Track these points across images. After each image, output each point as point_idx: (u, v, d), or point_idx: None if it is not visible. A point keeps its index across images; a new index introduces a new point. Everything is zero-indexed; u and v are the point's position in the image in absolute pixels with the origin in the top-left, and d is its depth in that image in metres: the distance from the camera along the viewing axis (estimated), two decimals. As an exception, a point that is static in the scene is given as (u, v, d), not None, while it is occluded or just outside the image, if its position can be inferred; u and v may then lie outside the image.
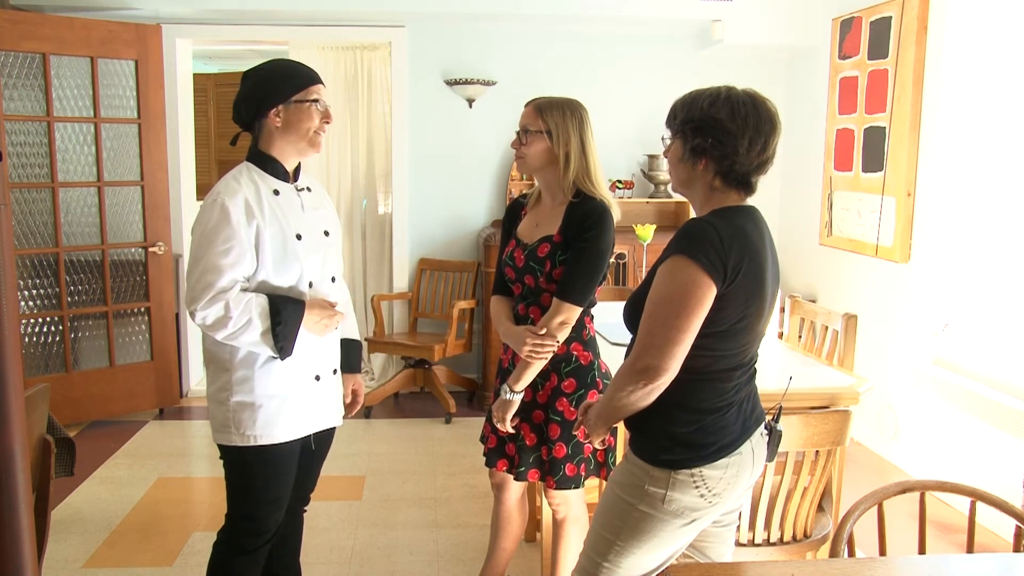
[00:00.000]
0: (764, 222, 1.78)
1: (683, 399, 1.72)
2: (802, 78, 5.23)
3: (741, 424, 1.76)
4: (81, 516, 3.51)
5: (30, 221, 4.41)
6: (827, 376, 2.74)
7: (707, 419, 1.72)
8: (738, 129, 1.65)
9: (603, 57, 5.30)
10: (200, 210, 2.08)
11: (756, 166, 1.70)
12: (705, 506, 1.73)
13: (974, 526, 1.81)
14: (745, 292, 1.66)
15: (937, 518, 3.47)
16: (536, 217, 2.40)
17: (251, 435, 2.11)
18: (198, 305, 2.00)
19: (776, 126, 1.70)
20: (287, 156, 2.16)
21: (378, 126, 5.44)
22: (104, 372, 4.69)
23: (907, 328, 4.11)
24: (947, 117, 3.88)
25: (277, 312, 2.04)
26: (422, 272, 5.34)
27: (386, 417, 4.89)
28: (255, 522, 2.19)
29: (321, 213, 2.27)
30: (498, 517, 2.63)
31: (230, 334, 2.02)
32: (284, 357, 2.08)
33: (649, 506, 1.73)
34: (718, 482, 1.72)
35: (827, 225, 4.81)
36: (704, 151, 1.68)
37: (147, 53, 4.68)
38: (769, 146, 1.69)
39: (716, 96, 1.69)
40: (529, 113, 2.33)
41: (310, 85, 2.12)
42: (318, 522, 3.40)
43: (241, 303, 2.01)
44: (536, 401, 2.37)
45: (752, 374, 1.81)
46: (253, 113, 2.12)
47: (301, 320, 2.09)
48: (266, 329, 2.03)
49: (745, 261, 1.64)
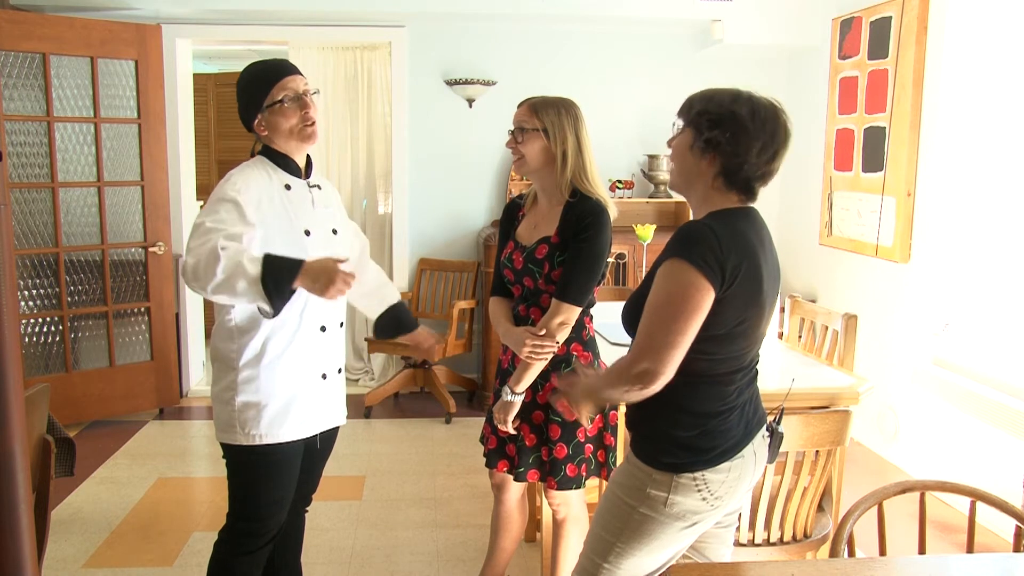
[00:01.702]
0: (764, 224, 1.77)
1: (685, 402, 1.72)
2: (802, 78, 5.23)
3: (744, 427, 1.75)
4: (81, 516, 3.51)
5: (30, 221, 4.41)
6: (827, 376, 2.74)
7: (710, 423, 1.71)
8: (755, 130, 1.64)
9: (603, 57, 5.30)
10: (213, 191, 2.07)
11: (761, 173, 1.69)
12: (707, 509, 1.73)
13: (974, 526, 1.81)
14: (743, 295, 1.65)
15: (937, 518, 3.47)
16: (534, 218, 2.40)
17: (256, 434, 2.10)
18: (190, 245, 1.91)
19: (788, 140, 1.69)
20: (291, 152, 2.17)
21: (378, 126, 5.44)
22: (104, 372, 4.69)
23: (907, 328, 4.11)
24: (947, 117, 3.87)
25: (270, 262, 1.83)
26: (422, 272, 5.34)
27: (386, 417, 4.89)
28: (257, 522, 2.19)
29: (330, 211, 2.27)
30: (498, 517, 2.64)
31: (220, 282, 1.82)
32: (276, 308, 1.85)
33: (650, 508, 1.72)
34: (720, 485, 1.72)
35: (827, 225, 4.81)
36: (717, 145, 1.66)
37: (147, 53, 4.68)
38: (778, 157, 1.68)
39: (738, 95, 1.68)
40: (524, 112, 2.32)
41: (272, 87, 2.08)
42: (318, 522, 3.40)
43: (231, 249, 1.84)
44: (536, 402, 2.37)
45: (754, 376, 1.81)
46: (247, 126, 2.16)
47: (298, 269, 1.83)
48: (256, 276, 1.80)
49: (743, 264, 1.63)
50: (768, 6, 4.89)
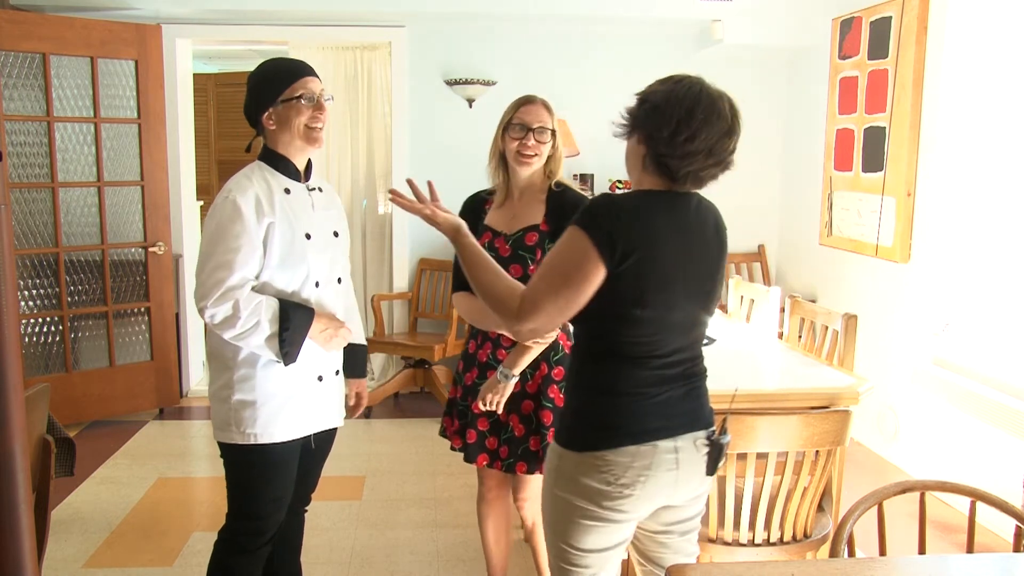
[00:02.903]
0: (698, 212, 1.74)
1: (594, 380, 1.73)
2: (802, 78, 5.23)
3: (661, 418, 1.71)
4: (81, 516, 3.51)
5: (30, 221, 4.41)
6: (827, 376, 2.74)
7: (617, 401, 1.70)
8: (669, 109, 1.64)
9: (603, 57, 5.30)
10: (212, 207, 2.08)
11: (681, 154, 1.65)
12: (616, 495, 1.69)
13: (974, 526, 1.81)
14: (639, 277, 1.63)
15: (937, 518, 3.47)
16: (510, 211, 2.43)
17: (252, 433, 2.10)
18: (208, 302, 1.99)
19: (713, 121, 1.64)
20: (293, 154, 2.16)
21: (378, 126, 5.44)
22: (104, 372, 4.69)
23: (907, 328, 4.11)
24: (947, 117, 3.87)
25: (287, 318, 2.03)
26: (422, 272, 5.34)
27: (386, 417, 4.89)
28: (256, 521, 2.19)
29: (331, 213, 2.27)
30: (483, 510, 2.63)
31: (237, 335, 2.01)
32: (288, 363, 2.08)
33: (563, 489, 1.74)
34: (626, 470, 1.68)
35: (827, 225, 4.81)
36: (637, 125, 1.70)
37: (147, 53, 4.68)
38: (697, 138, 1.63)
39: (668, 78, 1.70)
40: (542, 111, 2.37)
41: (294, 82, 2.10)
42: (318, 522, 3.40)
43: (251, 304, 2.00)
44: (526, 391, 2.38)
45: (689, 375, 1.76)
46: (254, 118, 2.14)
47: (309, 328, 2.09)
48: (273, 333, 2.02)
49: (642, 246, 1.63)
50: (768, 6, 4.89)
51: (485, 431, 2.44)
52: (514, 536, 2.98)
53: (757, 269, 5.62)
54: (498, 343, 2.41)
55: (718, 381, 1.92)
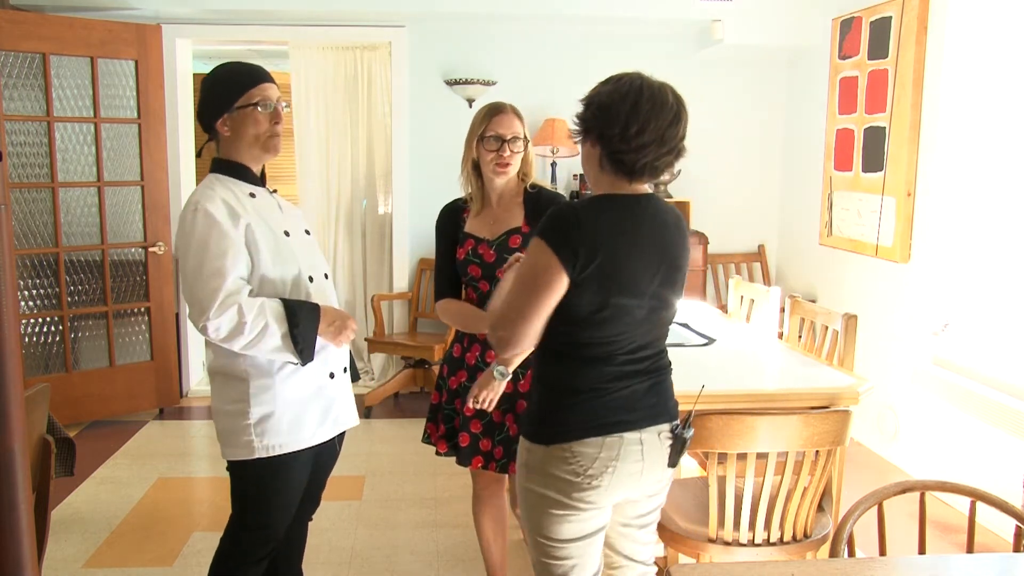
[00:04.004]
0: (655, 213, 1.76)
1: (560, 379, 1.76)
2: (802, 78, 5.23)
3: (626, 411, 1.74)
4: (81, 516, 3.51)
5: (30, 221, 4.41)
6: (827, 376, 2.74)
7: (582, 397, 1.74)
8: (615, 106, 1.67)
9: (603, 57, 5.29)
10: (180, 222, 2.00)
11: (634, 148, 1.67)
12: (584, 487, 1.73)
13: (974, 526, 1.81)
14: (602, 282, 1.66)
15: (937, 518, 3.47)
16: (490, 216, 2.44)
17: (274, 444, 2.02)
18: (209, 315, 1.88)
19: (659, 111, 1.67)
20: (249, 161, 2.10)
21: (378, 126, 5.44)
22: (104, 372, 4.69)
23: (907, 328, 4.11)
24: (947, 117, 3.87)
25: (293, 314, 1.95)
26: (422, 272, 5.34)
27: (386, 417, 4.89)
28: (268, 530, 2.13)
29: (296, 213, 2.25)
30: (478, 509, 2.63)
31: (248, 342, 1.92)
32: (306, 362, 1.99)
33: (533, 482, 1.77)
34: (593, 462, 1.72)
35: (827, 225, 4.81)
36: (588, 129, 1.72)
37: (147, 53, 4.69)
38: (647, 130, 1.66)
39: (610, 78, 1.75)
40: (514, 120, 2.40)
41: (251, 88, 2.02)
42: (318, 522, 3.37)
43: (254, 307, 1.92)
44: (519, 391, 2.38)
45: (652, 370, 1.79)
46: (206, 124, 2.08)
47: (318, 323, 2.01)
48: (284, 333, 1.93)
49: (602, 252, 1.65)
50: (768, 6, 4.89)
51: (478, 433, 2.43)
52: (513, 536, 2.98)
53: (757, 269, 5.63)
54: (486, 345, 2.41)
55: (718, 381, 1.92)
